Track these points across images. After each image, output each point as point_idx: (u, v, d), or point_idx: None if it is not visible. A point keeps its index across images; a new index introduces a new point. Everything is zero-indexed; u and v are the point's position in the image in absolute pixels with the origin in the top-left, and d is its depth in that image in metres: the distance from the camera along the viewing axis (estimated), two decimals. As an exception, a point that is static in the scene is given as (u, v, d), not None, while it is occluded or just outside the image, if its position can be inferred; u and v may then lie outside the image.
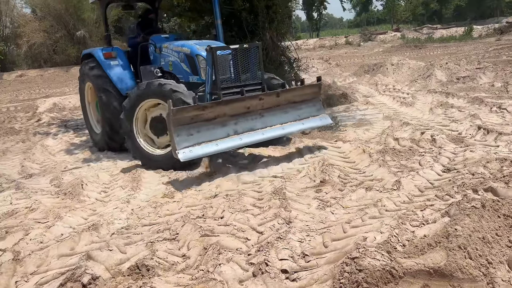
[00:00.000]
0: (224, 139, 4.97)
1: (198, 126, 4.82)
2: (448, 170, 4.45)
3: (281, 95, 5.45)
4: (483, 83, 9.86)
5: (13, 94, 17.67)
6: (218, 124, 4.98)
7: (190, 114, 4.74)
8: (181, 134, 4.68)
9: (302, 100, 5.70)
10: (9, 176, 5.70)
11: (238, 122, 5.15)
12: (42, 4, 32.05)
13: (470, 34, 30.58)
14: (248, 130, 5.19)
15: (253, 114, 5.27)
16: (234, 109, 5.08)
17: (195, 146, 4.75)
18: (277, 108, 5.48)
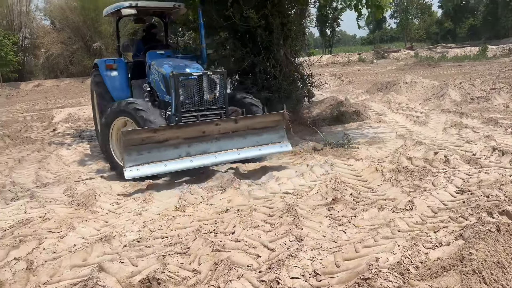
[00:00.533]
0: (174, 160, 5.28)
1: (149, 147, 5.16)
2: (462, 191, 4.40)
3: (239, 121, 5.69)
4: (498, 104, 9.79)
5: (30, 104, 18.01)
6: (170, 146, 5.29)
7: (141, 136, 5.11)
8: (131, 153, 5.07)
9: (263, 127, 5.87)
10: (24, 185, 5.79)
11: (192, 145, 5.42)
12: (61, 16, 32.85)
13: (485, 54, 30.45)
14: (202, 153, 5.46)
15: (209, 138, 5.53)
16: (187, 133, 5.38)
17: (143, 165, 5.11)
18: (235, 134, 5.69)
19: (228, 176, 5.39)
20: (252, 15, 6.96)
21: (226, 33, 8.20)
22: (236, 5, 7.19)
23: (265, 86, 7.67)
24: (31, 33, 34.45)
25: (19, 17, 32.49)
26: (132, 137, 5.06)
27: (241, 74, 7.98)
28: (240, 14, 7.11)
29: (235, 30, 7.63)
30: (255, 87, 7.59)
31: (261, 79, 7.63)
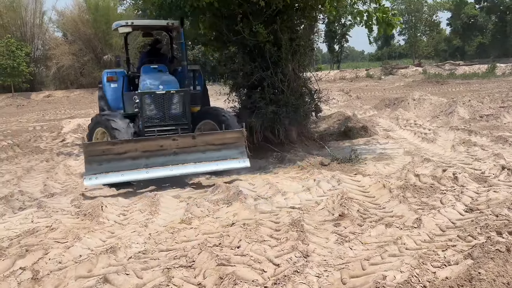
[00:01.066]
0: (131, 170, 5.72)
1: (109, 158, 5.64)
2: (471, 210, 4.36)
3: (197, 137, 6.11)
4: (507, 122, 9.73)
5: (40, 114, 18.24)
6: (128, 158, 5.72)
7: (101, 148, 5.70)
8: (92, 163, 5.56)
9: (223, 143, 6.17)
10: (32, 194, 5.83)
11: (150, 157, 5.83)
12: (73, 29, 33.43)
13: (493, 72, 30.39)
14: (159, 165, 5.85)
15: (167, 152, 5.91)
16: (146, 147, 5.84)
17: (101, 174, 5.57)
18: (194, 148, 6.04)
19: (234, 190, 5.39)
20: (261, 30, 7.02)
21: (235, 47, 8.26)
22: (245, 20, 7.26)
23: (273, 100, 7.69)
24: (43, 45, 35.06)
25: (32, 29, 33.11)
26: (93, 148, 5.69)
27: (249, 88, 8.02)
28: (249, 29, 7.18)
29: (244, 45, 7.70)
30: (263, 101, 7.62)
31: (269, 93, 7.66)
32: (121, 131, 6.12)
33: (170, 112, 6.53)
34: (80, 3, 33.37)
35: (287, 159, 7.28)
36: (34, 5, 33.16)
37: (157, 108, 6.45)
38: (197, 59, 29.91)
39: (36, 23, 33.67)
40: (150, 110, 6.42)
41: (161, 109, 6.48)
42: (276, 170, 6.79)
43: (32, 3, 33.11)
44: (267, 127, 7.97)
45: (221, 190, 5.52)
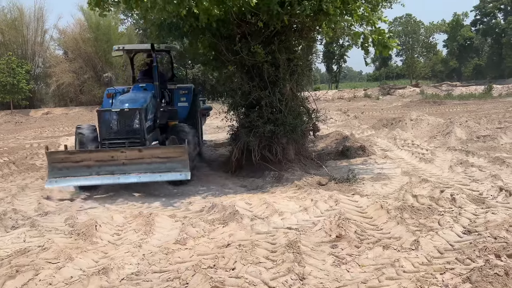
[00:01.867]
0: (86, 177, 6.60)
1: (68, 165, 6.56)
2: (469, 232, 4.31)
3: (144, 151, 6.75)
4: (504, 143, 9.73)
5: (38, 131, 18.22)
6: (83, 166, 6.60)
7: (61, 156, 6.65)
8: (54, 169, 6.53)
9: (167, 157, 6.72)
10: (26, 212, 5.75)
11: (102, 166, 6.63)
12: (74, 47, 33.72)
13: (490, 93, 30.64)
14: (109, 174, 6.62)
15: (116, 163, 6.63)
16: (98, 157, 6.66)
17: (61, 178, 6.53)
18: (141, 160, 6.67)
19: (230, 209, 5.33)
20: (260, 51, 7.08)
21: (234, 67, 8.32)
22: (244, 40, 7.33)
23: (271, 120, 7.70)
24: (44, 62, 35.30)
25: (33, 47, 33.39)
26: (54, 156, 6.64)
27: (247, 107, 8.05)
28: (248, 49, 7.24)
29: (243, 64, 7.75)
30: (261, 120, 7.63)
31: (267, 113, 7.68)
32: (85, 135, 7.36)
33: (124, 127, 7.13)
34: (82, 21, 33.77)
35: (284, 178, 7.24)
36: (36, 23, 33.54)
37: (113, 123, 7.13)
38: (197, 77, 30.13)
39: (38, 41, 33.97)
40: (106, 125, 7.13)
41: (116, 124, 7.13)
42: (274, 189, 6.75)
43: (34, 21, 33.49)
44: (265, 146, 7.96)
45: (217, 209, 5.47)
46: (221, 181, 7.73)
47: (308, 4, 6.17)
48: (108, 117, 7.10)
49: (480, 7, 58.23)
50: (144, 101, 7.48)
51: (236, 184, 7.42)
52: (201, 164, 9.09)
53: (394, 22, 58.45)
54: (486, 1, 57.60)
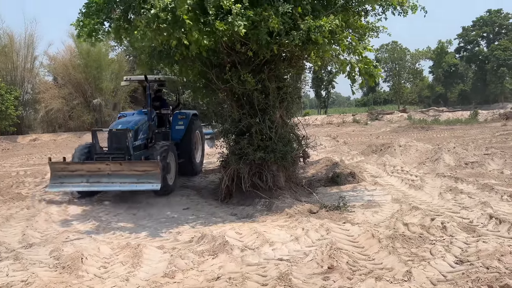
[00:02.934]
0: (78, 184, 7.86)
1: (65, 174, 7.90)
2: (461, 261, 4.28)
3: (124, 164, 7.88)
4: (492, 170, 9.83)
5: (25, 158, 17.95)
6: (77, 175, 7.86)
7: (59, 166, 8.02)
8: (54, 176, 7.90)
9: (143, 170, 7.75)
10: (9, 244, 5.59)
11: (91, 176, 7.84)
12: (64, 73, 33.75)
13: (476, 118, 31.21)
14: (96, 182, 7.83)
15: (102, 173, 7.81)
16: (88, 168, 7.91)
17: (59, 184, 7.90)
18: (122, 172, 7.78)
19: (220, 240, 5.24)
20: (250, 79, 7.14)
21: (224, 94, 8.38)
22: (234, 69, 7.41)
23: (261, 147, 7.71)
24: (33, 88, 35.17)
25: (23, 73, 33.32)
26: (54, 166, 8.00)
27: (237, 134, 8.05)
28: (238, 77, 7.31)
29: (233, 92, 7.81)
30: (251, 147, 7.63)
31: (257, 140, 7.68)
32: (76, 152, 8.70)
33: (112, 145, 8.52)
34: (72, 48, 33.92)
35: (275, 206, 7.18)
36: (26, 50, 33.58)
37: (106, 141, 8.65)
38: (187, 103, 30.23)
39: (27, 68, 33.95)
40: (100, 142, 8.68)
41: (106, 142, 8.63)
42: (264, 218, 6.68)
43: (24, 48, 33.54)
44: (255, 173, 7.94)
45: (207, 240, 5.37)
46: (211, 209, 7.64)
47: (297, 34, 6.28)
48: (102, 136, 8.60)
49: (463, 35, 60.09)
50: (135, 123, 8.81)
51: (226, 212, 7.34)
52: (190, 191, 9.01)
53: (381, 49, 59.89)
54: (468, 30, 59.50)
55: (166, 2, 5.69)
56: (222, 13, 6.11)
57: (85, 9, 6.84)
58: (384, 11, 7.81)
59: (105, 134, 8.73)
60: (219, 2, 5.92)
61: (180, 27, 5.87)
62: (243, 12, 6.02)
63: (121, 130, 8.44)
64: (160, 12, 5.67)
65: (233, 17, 5.91)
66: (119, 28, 6.66)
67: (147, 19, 5.73)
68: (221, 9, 6.05)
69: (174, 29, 5.87)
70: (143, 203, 8.02)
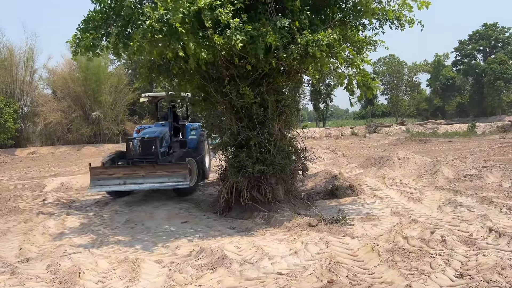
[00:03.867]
0: (116, 185, 8.90)
1: (104, 177, 8.91)
2: (461, 275, 4.25)
3: (157, 166, 9.01)
4: (490, 182, 9.82)
5: (23, 171, 17.89)
6: (115, 177, 8.88)
7: (99, 170, 9.06)
8: (94, 179, 8.88)
9: (173, 171, 8.85)
10: (6, 259, 5.54)
11: (128, 178, 8.87)
12: (63, 86, 33.89)
13: (474, 131, 31.31)
14: (132, 183, 8.87)
15: (138, 175, 8.88)
16: (125, 171, 8.97)
17: (98, 186, 8.91)
18: (155, 174, 8.86)
19: (219, 254, 5.20)
20: (248, 93, 7.18)
21: (223, 107, 8.40)
22: (233, 82, 7.45)
23: (260, 160, 7.70)
24: (32, 101, 35.24)
25: (22, 86, 33.42)
26: (94, 170, 8.98)
27: (236, 147, 8.06)
28: (237, 91, 7.34)
29: (232, 106, 7.84)
30: (250, 160, 7.63)
31: (255, 152, 7.69)
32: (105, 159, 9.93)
33: (144, 151, 9.83)
34: (71, 62, 34.10)
35: (274, 219, 7.15)
36: (26, 63, 33.75)
37: (136, 148, 9.91)
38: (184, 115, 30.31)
39: (26, 81, 34.07)
40: (132, 149, 9.94)
41: (138, 148, 9.89)
42: (263, 231, 6.65)
43: (24, 61, 33.71)
44: (254, 186, 7.92)
45: (205, 254, 5.33)
46: (209, 222, 7.61)
47: (295, 48, 6.33)
48: (133, 143, 9.92)
49: (460, 49, 60.67)
50: (160, 133, 10.23)
51: (224, 226, 7.30)
52: (189, 204, 8.98)
53: (379, 63, 60.43)
54: (465, 43, 60.10)
55: (162, 13, 5.74)
56: (220, 27, 6.18)
57: (83, 24, 6.91)
58: (381, 25, 7.90)
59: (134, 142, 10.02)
60: (216, 16, 5.98)
61: (177, 39, 5.92)
62: (241, 26, 6.08)
63: (151, 138, 9.88)
64: (155, 22, 5.72)
65: (232, 31, 5.97)
66: (117, 44, 6.71)
67: (143, 31, 5.78)
68: (219, 23, 6.11)
69: (170, 41, 5.91)
70: (141, 217, 7.98)
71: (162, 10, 5.73)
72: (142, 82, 8.51)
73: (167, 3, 5.75)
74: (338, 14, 7.48)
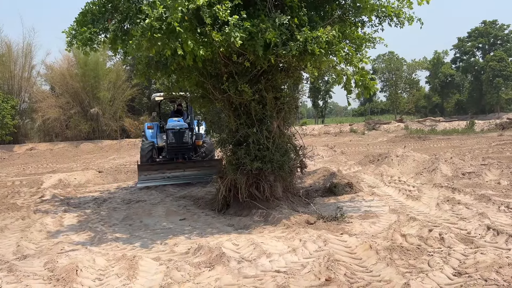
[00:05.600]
0: (160, 179, 10.59)
1: (149, 172, 10.61)
2: (459, 274, 4.25)
3: (196, 162, 11.20)
4: (489, 180, 9.83)
5: (21, 168, 17.85)
6: (160, 172, 10.66)
7: (146, 166, 10.79)
8: (141, 175, 10.51)
9: (210, 165, 10.79)
10: (3, 256, 5.52)
11: (171, 172, 10.74)
12: (61, 82, 33.80)
13: (473, 128, 31.34)
14: (175, 178, 10.73)
15: (180, 170, 10.87)
16: (168, 167, 10.87)
17: (146, 181, 10.53)
18: (195, 168, 10.87)
19: (217, 251, 5.19)
20: (247, 90, 7.15)
21: (221, 104, 8.38)
22: (231, 79, 7.41)
23: (258, 157, 7.68)
24: (30, 98, 35.16)
25: (20, 82, 33.35)
26: (142, 167, 10.70)
27: (234, 144, 8.04)
28: (235, 88, 7.31)
29: (230, 103, 7.82)
30: (248, 157, 7.61)
31: (254, 150, 7.66)
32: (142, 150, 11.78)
33: (182, 140, 11.55)
34: (70, 58, 34.02)
35: (272, 217, 7.14)
36: (24, 59, 33.67)
37: (174, 138, 11.55)
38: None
39: (25, 77, 34.00)
40: (171, 139, 11.56)
41: (176, 138, 11.55)
42: (261, 229, 6.64)
43: (22, 57, 33.62)
44: (252, 184, 7.90)
45: (203, 251, 5.32)
46: (207, 220, 7.60)
47: (294, 45, 6.30)
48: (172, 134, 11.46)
49: (459, 46, 60.65)
50: (186, 125, 11.80)
51: (223, 223, 7.29)
52: (187, 202, 8.97)
53: (378, 59, 60.34)
54: (464, 41, 60.08)
55: (161, 12, 5.71)
56: (219, 23, 6.14)
57: (80, 17, 6.85)
58: (380, 22, 7.88)
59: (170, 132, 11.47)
60: (215, 12, 5.94)
61: (176, 37, 5.88)
62: (240, 23, 6.05)
63: (184, 129, 11.58)
64: (154, 21, 5.68)
65: (230, 28, 5.93)
66: (115, 39, 6.67)
67: (142, 28, 5.74)
68: (218, 19, 6.07)
69: (169, 39, 5.88)
70: (139, 214, 7.97)
71: (161, 9, 5.70)
72: (139, 78, 8.41)
73: (166, 1, 5.71)
74: (337, 11, 7.45)
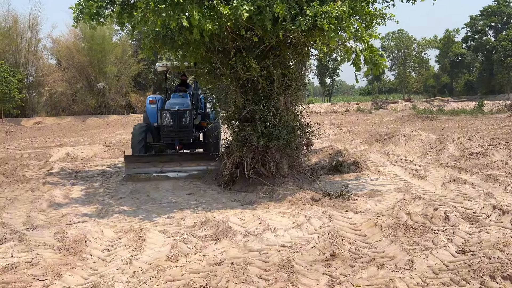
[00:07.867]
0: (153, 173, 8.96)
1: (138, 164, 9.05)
2: (463, 251, 4.28)
3: (193, 155, 10.06)
4: (496, 161, 9.78)
5: (29, 141, 18.02)
6: (151, 164, 9.08)
7: (134, 158, 9.29)
8: (129, 167, 8.98)
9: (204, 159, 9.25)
10: (14, 226, 5.63)
11: (165, 164, 9.09)
12: (67, 56, 33.69)
13: (481, 109, 30.99)
14: (170, 171, 9.06)
15: (175, 163, 9.20)
16: (162, 159, 9.24)
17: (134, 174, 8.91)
18: (191, 161, 9.35)
19: (223, 225, 5.26)
20: (254, 65, 7.08)
21: (228, 80, 8.32)
22: (239, 55, 7.34)
23: (264, 134, 7.68)
24: (36, 71, 35.14)
25: (27, 56, 33.29)
26: (129, 158, 9.13)
27: (241, 121, 8.03)
28: (243, 63, 7.25)
29: (237, 79, 7.76)
30: (255, 134, 7.61)
31: (260, 127, 7.65)
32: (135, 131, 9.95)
33: (181, 123, 9.57)
34: (76, 31, 33.77)
35: (277, 193, 7.20)
36: (30, 32, 33.51)
37: (172, 119, 9.57)
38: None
39: (31, 50, 33.91)
40: (168, 121, 9.58)
41: (173, 120, 9.55)
42: (267, 205, 6.70)
43: (28, 30, 33.45)
44: (258, 160, 7.92)
45: (210, 225, 5.40)
46: (213, 195, 7.67)
47: (303, 20, 6.20)
48: (167, 115, 9.55)
49: (471, 25, 59.33)
50: (189, 104, 9.88)
51: (228, 198, 7.36)
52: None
53: (387, 37, 59.30)
54: (476, 19, 58.73)
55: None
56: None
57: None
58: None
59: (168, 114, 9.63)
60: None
61: (182, 9, 5.79)
62: (249, -4, 5.95)
63: (185, 110, 9.60)
64: None
65: (238, 1, 5.84)
66: (122, 12, 6.59)
67: (147, 0, 5.67)
68: (227, -7, 5.98)
69: (174, 11, 5.80)
70: (146, 188, 8.06)
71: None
72: (146, 52, 8.33)
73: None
74: (348, -15, 7.27)
